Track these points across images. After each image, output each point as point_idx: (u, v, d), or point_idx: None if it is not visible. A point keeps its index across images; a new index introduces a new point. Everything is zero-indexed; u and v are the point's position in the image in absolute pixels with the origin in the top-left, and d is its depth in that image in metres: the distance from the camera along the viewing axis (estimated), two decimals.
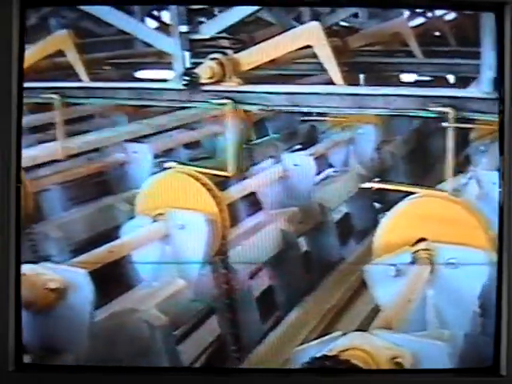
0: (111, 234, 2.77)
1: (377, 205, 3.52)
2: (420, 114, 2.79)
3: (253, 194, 3.24)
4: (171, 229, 2.77)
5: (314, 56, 3.05)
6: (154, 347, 2.34)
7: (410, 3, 2.58)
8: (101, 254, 2.53)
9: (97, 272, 2.38)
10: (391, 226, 2.50)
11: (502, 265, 2.01)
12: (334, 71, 2.99)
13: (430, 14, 4.02)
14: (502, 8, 2.02)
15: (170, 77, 3.12)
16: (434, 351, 1.98)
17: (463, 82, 3.32)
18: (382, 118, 3.49)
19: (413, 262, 2.38)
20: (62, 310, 2.25)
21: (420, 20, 4.01)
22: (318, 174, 3.44)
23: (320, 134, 3.74)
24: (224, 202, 2.84)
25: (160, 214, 2.80)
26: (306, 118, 3.63)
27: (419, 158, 3.82)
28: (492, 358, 2.02)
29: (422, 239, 2.45)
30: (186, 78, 3.00)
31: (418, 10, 3.97)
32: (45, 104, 3.15)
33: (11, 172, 2.01)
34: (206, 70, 2.99)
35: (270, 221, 3.12)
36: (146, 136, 3.54)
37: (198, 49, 3.07)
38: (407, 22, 3.83)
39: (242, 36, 3.32)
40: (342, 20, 3.82)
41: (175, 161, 2.95)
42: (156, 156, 3.40)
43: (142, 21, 3.48)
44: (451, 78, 3.80)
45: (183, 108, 3.34)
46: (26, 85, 2.04)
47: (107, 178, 3.44)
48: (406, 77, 3.89)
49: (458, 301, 2.31)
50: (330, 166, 3.67)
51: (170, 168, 2.85)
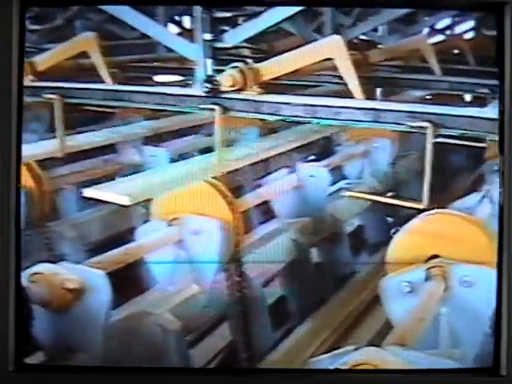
0: (127, 236, 2.79)
1: (389, 219, 3.54)
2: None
3: (267, 202, 3.26)
4: (186, 234, 2.80)
5: (334, 69, 3.07)
6: (166, 351, 2.36)
7: (411, 3, 2.57)
8: (117, 255, 2.56)
9: (112, 273, 2.40)
10: (404, 242, 2.52)
11: (502, 265, 2.01)
12: (354, 84, 3.00)
13: (449, 32, 4.04)
14: (502, 8, 2.01)
15: (192, 83, 3.14)
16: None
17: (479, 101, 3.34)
18: (398, 133, 3.50)
19: (426, 279, 2.39)
20: (79, 311, 2.27)
21: (440, 37, 4.03)
22: (332, 185, 3.46)
23: (335, 146, 3.76)
24: (238, 209, 2.86)
25: (175, 219, 2.82)
26: (322, 130, 3.65)
27: (434, 174, 3.83)
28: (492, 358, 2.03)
29: (435, 256, 2.46)
30: (208, 85, 3.02)
31: (437, 28, 4.00)
32: (71, 104, 3.18)
33: (11, 172, 2.00)
34: (227, 78, 3.02)
35: (282, 230, 3.14)
36: (164, 140, 3.56)
37: (221, 57, 3.09)
38: (427, 38, 3.85)
39: (263, 46, 3.34)
40: (362, 34, 3.85)
41: None
42: (173, 160, 3.43)
43: (166, 26, 3.51)
44: (467, 97, 3.81)
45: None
46: (44, 84, 2.01)
47: None
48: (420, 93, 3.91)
49: (471, 320, 2.32)
50: (344, 178, 3.69)
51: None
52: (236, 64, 3.06)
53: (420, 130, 2.69)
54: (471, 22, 4.03)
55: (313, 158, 3.69)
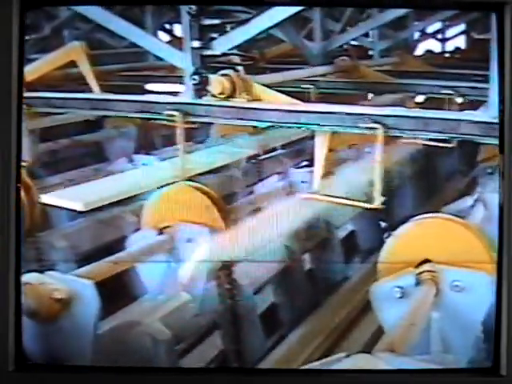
0: (117, 246, 2.78)
1: (382, 224, 3.52)
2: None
3: (259, 208, 3.25)
4: (176, 242, 2.78)
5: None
6: (157, 361, 2.34)
7: (411, 3, 2.57)
8: (106, 265, 2.54)
9: (101, 283, 2.38)
10: (396, 247, 2.50)
11: (502, 265, 2.00)
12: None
13: (440, 36, 4.04)
14: (502, 8, 2.01)
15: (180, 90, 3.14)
16: None
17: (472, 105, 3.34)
18: (389, 138, 3.49)
19: (417, 284, 2.38)
20: (66, 321, 2.25)
21: (431, 42, 4.04)
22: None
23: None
24: (230, 216, 2.85)
25: (166, 227, 2.81)
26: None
27: (426, 178, 3.82)
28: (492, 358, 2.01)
29: (427, 260, 2.45)
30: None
31: (428, 32, 4.00)
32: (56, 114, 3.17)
33: (11, 172, 2.00)
34: (216, 85, 3.01)
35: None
36: (155, 148, 3.55)
37: (209, 64, 3.08)
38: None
39: (253, 53, 3.34)
40: (353, 39, 3.85)
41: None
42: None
43: (155, 34, 3.50)
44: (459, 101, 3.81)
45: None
46: (36, 94, 2.03)
47: None
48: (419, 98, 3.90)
49: (462, 324, 2.30)
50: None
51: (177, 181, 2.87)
52: (225, 72, 3.06)
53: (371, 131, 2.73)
54: (462, 26, 4.03)
55: (305, 163, 3.68)
